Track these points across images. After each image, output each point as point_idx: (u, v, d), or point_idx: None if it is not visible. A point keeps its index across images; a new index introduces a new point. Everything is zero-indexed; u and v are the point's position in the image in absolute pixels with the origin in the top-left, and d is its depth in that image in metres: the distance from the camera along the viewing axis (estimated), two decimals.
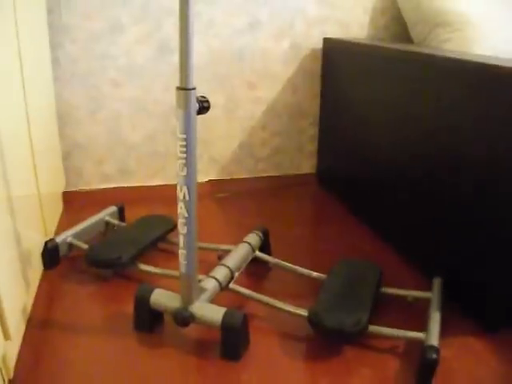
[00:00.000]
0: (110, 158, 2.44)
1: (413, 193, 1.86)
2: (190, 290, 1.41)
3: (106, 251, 1.76)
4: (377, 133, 2.08)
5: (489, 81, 1.45)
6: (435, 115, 1.69)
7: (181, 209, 1.33)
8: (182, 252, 1.38)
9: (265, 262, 1.83)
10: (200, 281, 1.51)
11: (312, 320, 1.44)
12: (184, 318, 1.40)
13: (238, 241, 1.81)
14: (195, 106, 1.25)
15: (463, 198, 1.59)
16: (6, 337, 1.24)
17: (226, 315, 1.38)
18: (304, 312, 1.49)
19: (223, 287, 1.56)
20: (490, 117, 1.45)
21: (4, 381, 1.27)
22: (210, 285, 1.51)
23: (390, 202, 2.02)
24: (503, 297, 1.52)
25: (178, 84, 1.23)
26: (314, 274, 1.75)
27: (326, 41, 2.47)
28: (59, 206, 2.28)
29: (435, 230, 1.75)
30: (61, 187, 2.32)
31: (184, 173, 1.28)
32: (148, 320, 1.51)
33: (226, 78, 2.46)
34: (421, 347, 1.35)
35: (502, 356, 1.46)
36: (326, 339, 1.51)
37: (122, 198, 2.37)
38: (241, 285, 1.63)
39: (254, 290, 1.60)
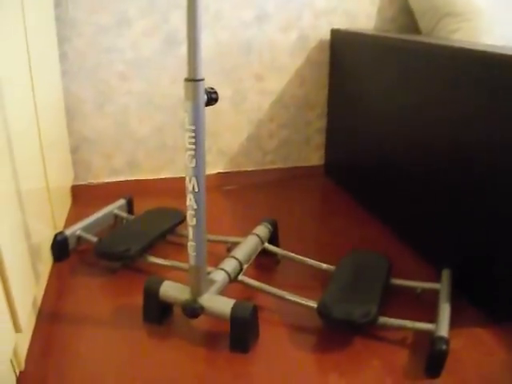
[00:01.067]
0: (119, 151, 2.44)
1: (421, 183, 1.85)
2: (199, 282, 1.41)
3: (114, 244, 1.77)
4: (385, 124, 2.07)
5: (499, 70, 1.44)
6: (444, 105, 1.68)
7: (190, 200, 1.33)
8: (191, 244, 1.38)
9: (274, 254, 1.83)
10: (209, 273, 1.51)
11: (321, 311, 1.44)
12: (193, 310, 1.40)
13: (246, 233, 1.81)
14: (204, 97, 1.25)
15: (472, 188, 1.59)
16: (17, 329, 1.24)
17: (235, 307, 1.38)
18: (313, 303, 1.49)
19: (232, 279, 1.56)
20: (500, 106, 1.44)
21: (15, 373, 1.28)
22: (219, 277, 1.51)
23: (398, 193, 2.01)
24: None
25: (185, 76, 1.23)
26: (323, 265, 1.75)
27: (334, 32, 2.46)
28: (68, 200, 2.29)
29: (443, 220, 1.74)
30: (69, 181, 2.33)
31: (193, 164, 1.28)
32: (157, 312, 1.52)
33: (233, 70, 2.45)
34: (430, 338, 1.35)
35: (511, 347, 1.46)
36: (335, 331, 1.51)
37: (130, 191, 2.37)
38: (250, 277, 1.63)
39: (263, 282, 1.60)
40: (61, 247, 1.83)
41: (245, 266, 1.64)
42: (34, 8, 1.71)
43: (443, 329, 1.37)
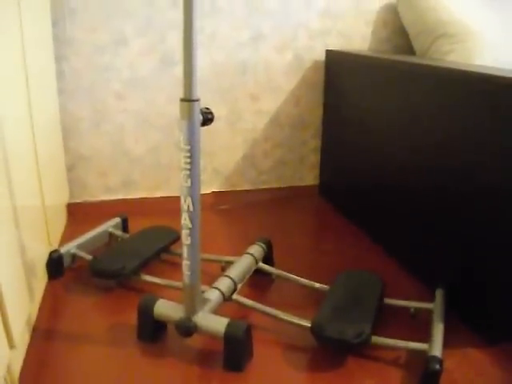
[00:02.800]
0: (114, 169, 2.45)
1: (415, 203, 1.86)
2: (193, 301, 1.41)
3: (109, 262, 1.77)
4: (379, 144, 2.08)
5: (491, 91, 1.46)
6: (438, 126, 1.70)
7: (185, 220, 1.33)
8: (185, 263, 1.38)
9: (268, 274, 1.84)
10: (203, 292, 1.51)
11: (315, 331, 1.44)
12: (187, 329, 1.40)
13: (241, 252, 1.81)
14: (199, 117, 1.26)
15: (466, 209, 1.60)
16: (11, 346, 1.24)
17: (229, 326, 1.39)
18: (307, 323, 1.49)
19: (226, 298, 1.57)
20: (493, 127, 1.46)
21: None
22: (213, 296, 1.51)
23: (392, 213, 2.02)
24: (506, 309, 1.52)
25: (181, 96, 1.25)
26: (317, 284, 1.75)
27: (329, 53, 2.48)
28: (63, 218, 2.29)
29: (438, 241, 1.75)
30: (65, 199, 2.33)
31: (188, 184, 1.29)
32: (151, 330, 1.52)
33: (228, 90, 2.47)
34: (424, 358, 1.35)
35: (504, 367, 1.46)
36: (328, 350, 1.51)
37: (125, 210, 2.38)
38: (244, 296, 1.63)
39: (257, 301, 1.60)
40: (56, 265, 1.83)
41: (239, 285, 1.64)
42: (32, 26, 1.72)
43: (437, 348, 1.37)
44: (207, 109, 1.29)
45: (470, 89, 1.54)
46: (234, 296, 1.61)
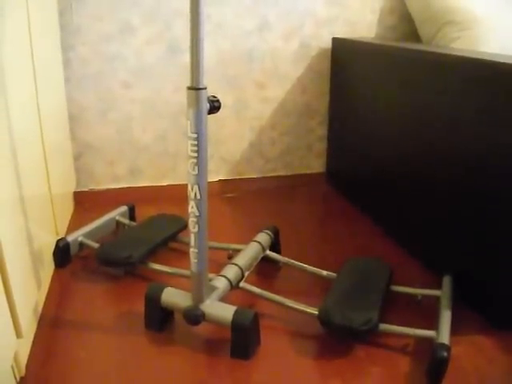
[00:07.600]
0: (121, 158, 2.45)
1: (423, 191, 1.85)
2: (200, 289, 1.41)
3: (116, 250, 1.77)
4: (386, 131, 2.08)
5: (499, 79, 1.45)
6: (445, 113, 1.69)
7: (192, 208, 1.33)
8: (192, 251, 1.38)
9: (275, 261, 1.84)
10: (210, 280, 1.51)
11: (322, 318, 1.44)
12: (195, 317, 1.40)
13: (248, 240, 1.81)
14: (206, 105, 1.26)
15: (474, 195, 1.59)
16: (18, 335, 1.24)
17: (236, 313, 1.39)
18: (314, 310, 1.49)
19: (234, 286, 1.57)
20: (502, 114, 1.45)
21: (16, 378, 1.28)
22: (220, 283, 1.51)
23: (400, 201, 2.02)
24: None
25: (187, 84, 1.24)
26: (324, 272, 1.75)
27: (335, 41, 2.47)
28: (70, 206, 2.30)
29: (445, 227, 1.74)
30: (72, 187, 2.34)
31: (195, 172, 1.29)
32: (159, 318, 1.52)
33: (235, 78, 2.47)
34: (431, 345, 1.35)
35: None
36: (336, 338, 1.51)
37: (132, 198, 2.38)
38: (251, 283, 1.63)
39: (265, 289, 1.60)
40: (63, 253, 1.83)
41: (246, 273, 1.64)
42: (39, 16, 1.72)
43: (444, 336, 1.37)
44: (214, 97, 1.28)
45: (476, 75, 1.53)
46: (242, 284, 1.61)
